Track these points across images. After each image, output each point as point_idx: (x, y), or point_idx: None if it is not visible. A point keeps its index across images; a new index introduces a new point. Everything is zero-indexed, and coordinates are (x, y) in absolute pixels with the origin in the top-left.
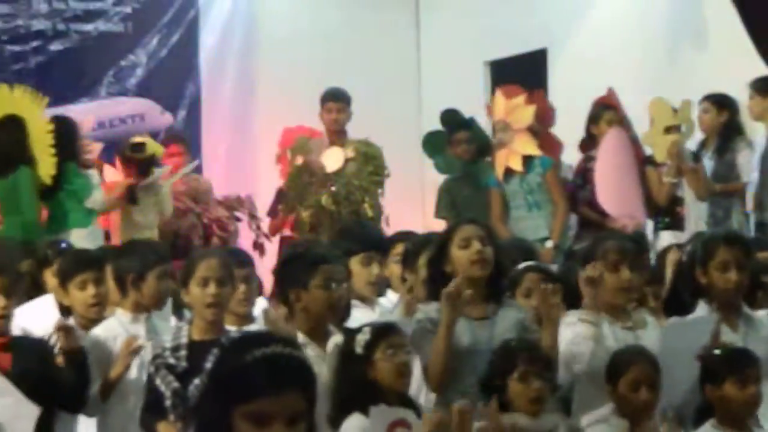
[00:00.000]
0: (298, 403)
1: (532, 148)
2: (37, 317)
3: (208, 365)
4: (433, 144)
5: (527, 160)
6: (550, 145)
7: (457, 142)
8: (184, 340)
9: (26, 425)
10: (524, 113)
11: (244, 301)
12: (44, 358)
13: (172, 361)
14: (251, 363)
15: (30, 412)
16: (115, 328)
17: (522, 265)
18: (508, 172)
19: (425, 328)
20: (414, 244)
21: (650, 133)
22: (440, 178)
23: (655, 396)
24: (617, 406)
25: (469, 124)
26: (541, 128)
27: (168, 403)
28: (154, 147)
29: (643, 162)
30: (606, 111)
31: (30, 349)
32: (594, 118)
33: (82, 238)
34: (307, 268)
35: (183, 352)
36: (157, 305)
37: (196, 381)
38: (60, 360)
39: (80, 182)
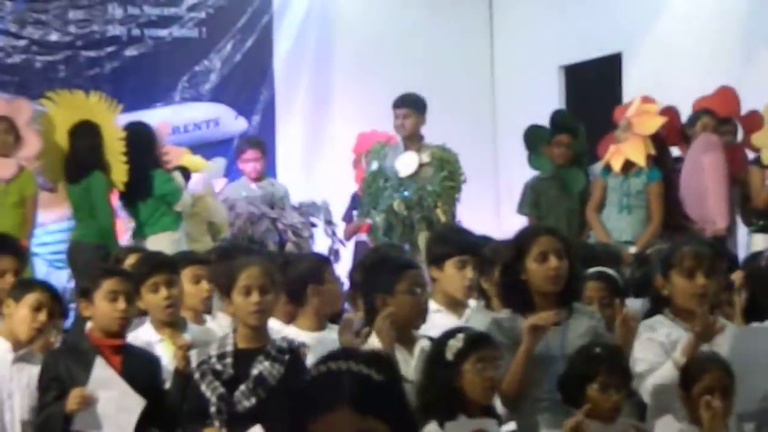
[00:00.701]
0: (356, 422)
1: (639, 157)
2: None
3: (255, 372)
4: (532, 138)
5: (631, 165)
6: (665, 161)
7: (557, 143)
8: (230, 347)
9: (130, 418)
10: (651, 121)
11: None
12: (152, 373)
13: (218, 367)
14: (311, 379)
15: (135, 404)
16: (216, 333)
17: (588, 272)
18: (613, 169)
19: (497, 338)
20: (490, 250)
21: (761, 134)
22: (515, 182)
23: (728, 403)
24: (690, 413)
25: (575, 130)
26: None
27: (213, 409)
28: (191, 161)
29: (743, 165)
30: (704, 115)
31: (141, 359)
32: (691, 122)
33: (162, 244)
34: (392, 273)
35: (229, 360)
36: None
37: (242, 387)
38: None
39: (170, 187)
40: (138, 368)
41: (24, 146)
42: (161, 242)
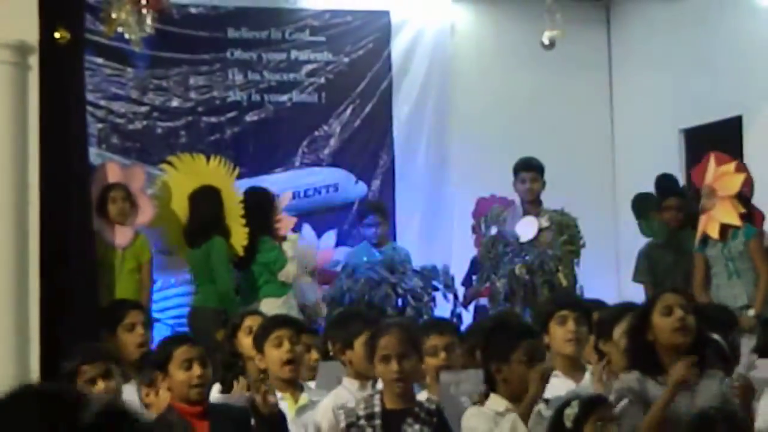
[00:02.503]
0: None
1: (732, 218)
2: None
3: None
4: (641, 206)
5: (728, 228)
6: (753, 215)
7: (667, 207)
8: (377, 408)
9: None
10: (732, 181)
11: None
12: (242, 425)
13: (368, 430)
14: None
15: None
16: (344, 396)
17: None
18: (711, 238)
19: (626, 399)
20: (608, 313)
21: None
22: (635, 247)
23: None
24: None
25: (683, 192)
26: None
27: None
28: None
29: None
30: None
31: (227, 416)
32: None
33: (275, 307)
34: (510, 341)
35: (377, 421)
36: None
37: None
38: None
39: (273, 255)
40: (226, 427)
41: (139, 213)
42: (268, 306)
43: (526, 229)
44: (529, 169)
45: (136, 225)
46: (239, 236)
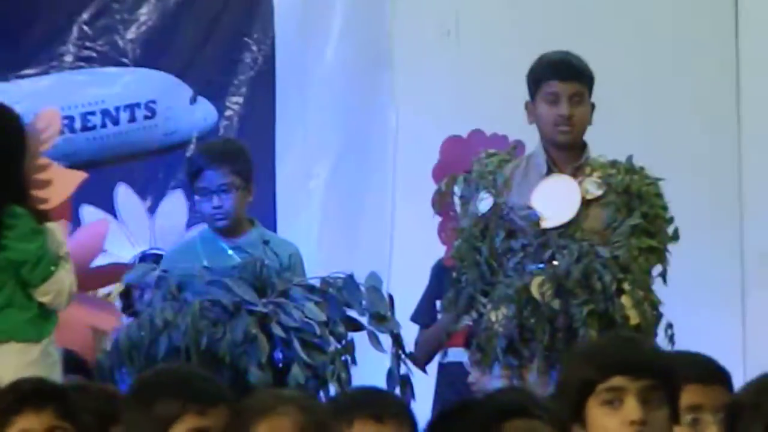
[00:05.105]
0: None
1: None
2: None
3: None
4: None
5: None
6: None
7: None
8: None
9: None
10: None
11: None
12: None
13: None
14: None
15: None
16: None
17: None
18: None
19: None
20: (745, 395)
21: None
22: None
23: None
24: None
25: None
26: None
27: None
28: None
29: None
30: None
31: None
32: None
33: (19, 363)
34: None
35: None
36: None
37: None
38: None
39: (27, 247)
40: None
41: None
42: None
43: (556, 200)
44: (568, 77)
45: None
46: None
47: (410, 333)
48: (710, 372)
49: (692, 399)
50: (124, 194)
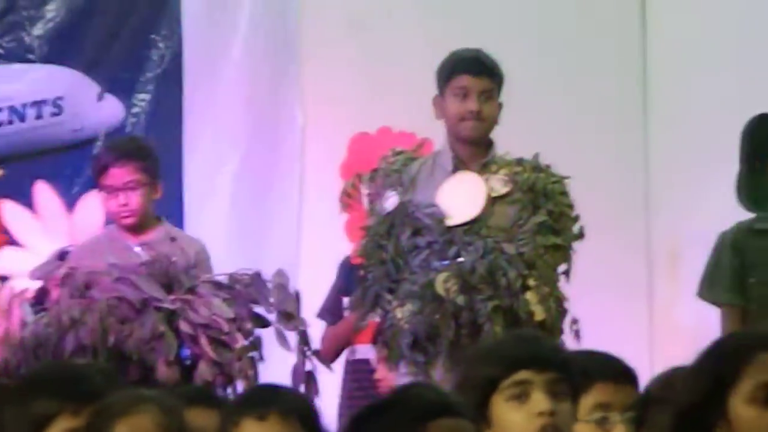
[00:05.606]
0: None
1: None
2: None
3: None
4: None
5: None
6: None
7: None
8: None
9: None
10: None
11: None
12: None
13: None
14: None
15: None
16: None
17: None
18: None
19: None
20: (655, 387)
21: None
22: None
23: None
24: None
25: None
26: None
27: None
28: None
29: None
30: None
31: None
32: None
33: None
34: None
35: None
36: None
37: None
38: None
39: None
40: None
41: None
42: None
43: (461, 198)
44: (477, 72)
45: None
46: None
47: (317, 329)
48: (619, 371)
49: (601, 397)
50: (42, 190)
